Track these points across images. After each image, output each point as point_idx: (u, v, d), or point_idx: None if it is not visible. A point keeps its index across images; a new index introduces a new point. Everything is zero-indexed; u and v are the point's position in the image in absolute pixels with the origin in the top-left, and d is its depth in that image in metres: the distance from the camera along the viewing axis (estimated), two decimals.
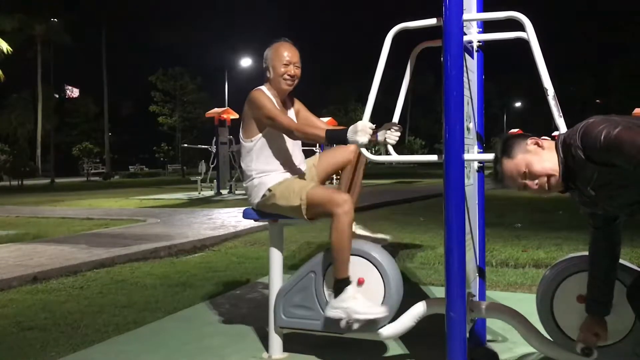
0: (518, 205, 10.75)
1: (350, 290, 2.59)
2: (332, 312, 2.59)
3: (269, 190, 2.83)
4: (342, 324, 2.56)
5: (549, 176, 1.90)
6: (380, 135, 2.65)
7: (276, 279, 2.91)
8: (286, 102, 3.01)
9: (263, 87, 2.93)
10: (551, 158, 1.91)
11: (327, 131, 2.69)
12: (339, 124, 16.43)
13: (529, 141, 1.95)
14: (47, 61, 44.47)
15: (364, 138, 2.49)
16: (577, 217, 9.06)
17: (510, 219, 8.21)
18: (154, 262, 5.91)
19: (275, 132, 2.88)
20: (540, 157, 1.91)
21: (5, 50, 21.59)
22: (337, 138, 2.66)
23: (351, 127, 2.55)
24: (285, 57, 2.88)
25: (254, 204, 2.93)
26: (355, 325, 2.55)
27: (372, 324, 2.59)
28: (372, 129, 2.52)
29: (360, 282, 2.63)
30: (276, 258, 2.94)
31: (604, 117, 1.82)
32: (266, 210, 2.89)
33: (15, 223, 9.82)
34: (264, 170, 2.88)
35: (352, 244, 2.68)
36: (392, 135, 2.65)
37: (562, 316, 2.29)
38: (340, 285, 2.61)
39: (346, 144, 2.58)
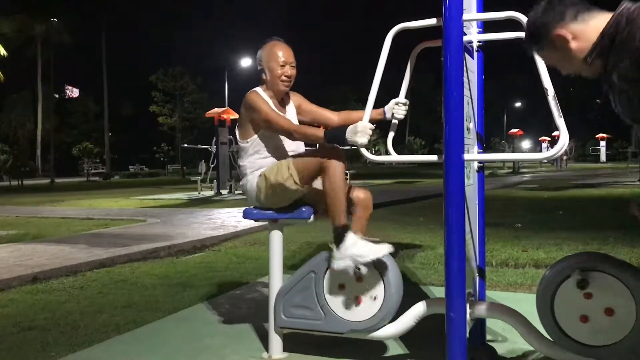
0: (518, 205, 10.75)
1: (351, 236, 2.58)
2: (339, 264, 2.57)
3: (260, 175, 2.83)
4: (351, 271, 2.55)
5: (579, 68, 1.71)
6: (388, 111, 2.70)
7: (276, 279, 2.91)
8: (284, 101, 3.01)
9: (259, 89, 2.92)
10: (578, 57, 1.67)
11: (326, 131, 2.69)
12: None
13: (557, 35, 1.67)
14: (47, 61, 44.48)
15: (363, 139, 2.49)
16: (577, 217, 9.10)
17: (510, 219, 8.21)
18: (154, 262, 5.91)
19: (270, 132, 2.87)
20: (566, 58, 1.70)
21: (2, 54, 21.70)
22: (336, 138, 2.65)
23: (350, 127, 2.53)
24: (281, 57, 2.87)
25: (252, 199, 2.92)
26: (364, 270, 2.54)
27: (359, 325, 2.60)
28: (372, 130, 2.52)
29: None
30: (276, 258, 2.94)
31: None
32: (264, 203, 2.87)
33: (15, 223, 9.82)
34: (258, 166, 2.88)
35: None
36: (399, 110, 2.67)
37: (562, 316, 2.29)
38: (340, 232, 2.59)
39: (346, 144, 2.58)
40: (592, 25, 1.64)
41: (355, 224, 2.86)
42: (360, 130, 2.48)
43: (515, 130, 36.15)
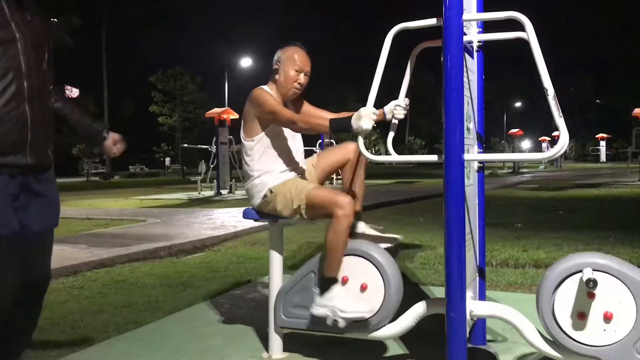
0: (518, 205, 10.76)
1: (337, 288, 2.60)
2: (317, 310, 2.60)
3: (270, 191, 2.83)
4: (328, 321, 2.57)
5: None
6: (388, 113, 2.71)
7: (276, 279, 2.91)
8: (287, 104, 3.01)
9: (265, 87, 2.93)
10: None
11: (331, 120, 2.69)
12: None
13: None
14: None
15: (368, 123, 2.49)
16: (577, 217, 9.10)
17: (510, 219, 8.21)
18: (154, 262, 5.91)
19: (277, 131, 2.87)
20: None
21: None
22: (341, 126, 2.64)
23: (355, 114, 2.54)
24: (300, 65, 2.88)
25: (254, 205, 2.93)
26: (341, 323, 2.55)
27: (359, 325, 2.59)
28: (376, 114, 2.53)
29: (363, 288, 2.63)
30: (276, 258, 2.94)
31: None
32: (266, 211, 2.89)
33: None
34: (265, 169, 2.88)
35: (353, 244, 2.68)
36: (400, 110, 2.69)
37: (562, 316, 2.29)
38: (327, 283, 2.62)
39: (351, 132, 2.57)
40: None
41: (355, 175, 2.90)
42: (365, 115, 2.48)
43: (515, 130, 36.13)
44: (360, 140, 2.52)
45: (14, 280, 1.90)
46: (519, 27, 2.23)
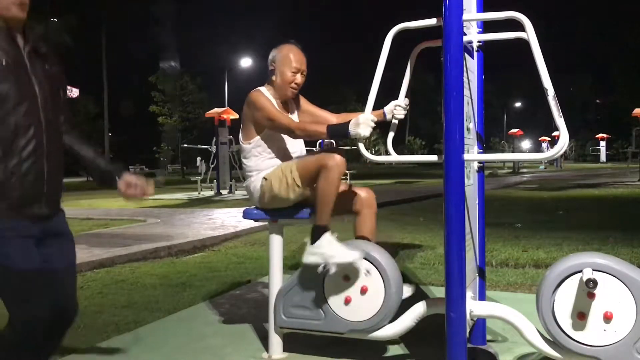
0: (518, 205, 10.76)
1: (327, 236, 2.64)
2: (310, 258, 2.66)
3: (265, 179, 2.83)
4: (320, 269, 2.61)
5: None
6: (388, 113, 2.74)
7: (276, 279, 2.91)
8: (288, 104, 3.01)
9: (262, 88, 2.92)
10: None
11: (329, 126, 2.68)
12: None
13: None
14: None
15: (366, 130, 2.50)
16: (577, 217, 9.10)
17: (510, 219, 8.21)
18: (154, 262, 5.91)
19: (273, 133, 2.87)
20: None
21: None
22: (339, 132, 2.64)
23: (352, 121, 2.55)
24: (295, 64, 2.87)
25: (255, 201, 2.93)
26: (333, 269, 2.58)
27: (358, 325, 2.59)
28: (375, 122, 2.53)
29: (363, 290, 2.63)
30: (276, 258, 2.94)
31: None
32: (268, 205, 2.88)
33: None
34: (262, 168, 2.88)
35: (353, 245, 2.68)
36: (399, 111, 2.72)
37: (562, 316, 2.29)
38: (318, 231, 2.66)
39: (349, 138, 2.58)
40: None
41: (363, 227, 2.88)
42: (362, 122, 2.49)
43: (515, 130, 36.16)
44: (360, 143, 2.52)
45: (44, 314, 1.98)
46: (519, 27, 2.23)
